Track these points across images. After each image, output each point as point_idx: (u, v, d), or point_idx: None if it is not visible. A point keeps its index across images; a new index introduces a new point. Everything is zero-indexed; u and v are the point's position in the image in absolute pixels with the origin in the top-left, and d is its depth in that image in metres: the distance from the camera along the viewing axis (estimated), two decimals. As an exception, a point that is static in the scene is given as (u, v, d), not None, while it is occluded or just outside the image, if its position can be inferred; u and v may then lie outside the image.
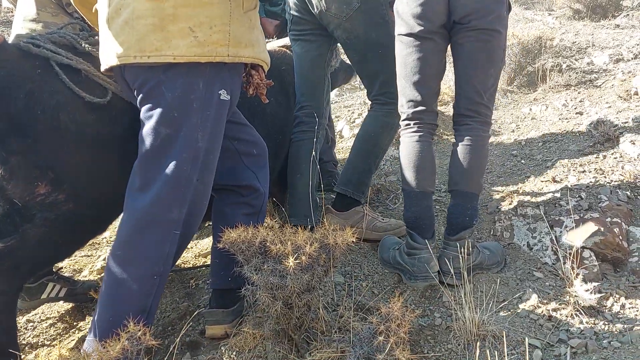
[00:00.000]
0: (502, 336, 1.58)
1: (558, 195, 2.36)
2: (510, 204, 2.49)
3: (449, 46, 2.08)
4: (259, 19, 1.74)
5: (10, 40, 2.33)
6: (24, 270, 1.61)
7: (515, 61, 4.73)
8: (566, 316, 1.80)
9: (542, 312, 1.83)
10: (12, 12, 6.91)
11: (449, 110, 4.34)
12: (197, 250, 2.64)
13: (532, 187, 2.61)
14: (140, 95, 1.56)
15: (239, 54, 1.60)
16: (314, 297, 1.61)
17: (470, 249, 2.01)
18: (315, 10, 2.27)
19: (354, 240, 1.64)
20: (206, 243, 2.72)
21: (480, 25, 1.93)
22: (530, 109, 4.04)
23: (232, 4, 1.58)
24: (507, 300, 1.92)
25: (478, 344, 1.60)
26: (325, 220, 2.31)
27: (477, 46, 1.97)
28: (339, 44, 2.53)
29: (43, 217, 1.57)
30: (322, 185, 2.47)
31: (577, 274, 1.93)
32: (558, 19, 6.66)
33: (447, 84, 4.62)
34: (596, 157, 2.72)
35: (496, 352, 1.60)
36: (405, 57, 2.06)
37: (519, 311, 1.85)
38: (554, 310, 1.83)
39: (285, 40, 2.64)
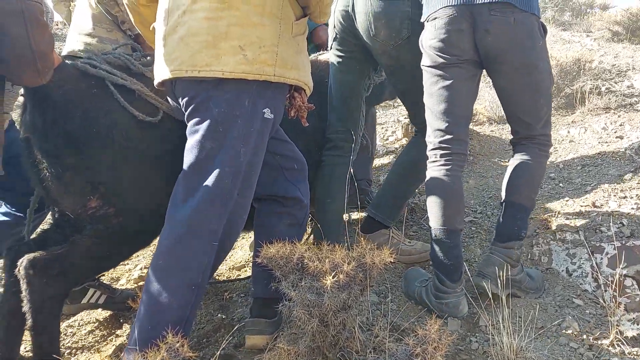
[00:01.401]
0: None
1: (599, 220, 2.31)
2: (548, 228, 2.45)
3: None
4: (306, 44, 1.79)
5: (64, 52, 2.43)
6: (71, 278, 1.68)
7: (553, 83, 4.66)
8: (607, 346, 1.75)
9: (582, 340, 1.79)
10: (57, 25, 7.19)
11: (484, 129, 4.30)
12: (232, 263, 2.67)
13: (571, 211, 2.56)
14: (189, 109, 1.60)
15: (284, 75, 1.64)
16: (349, 316, 1.61)
17: (517, 261, 2.00)
18: (362, 34, 2.22)
19: (392, 260, 1.64)
20: (240, 256, 2.75)
21: (515, 63, 1.87)
22: (569, 132, 3.97)
23: (282, 27, 1.63)
24: (546, 327, 1.88)
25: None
26: (361, 238, 2.30)
27: (516, 85, 1.92)
28: None
29: (93, 229, 1.64)
30: (358, 204, 2.47)
31: (619, 303, 1.89)
32: (596, 41, 6.55)
33: (483, 104, 4.59)
34: (638, 183, 2.66)
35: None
36: (430, 86, 2.02)
37: (558, 339, 1.81)
38: (595, 339, 1.79)
39: None
